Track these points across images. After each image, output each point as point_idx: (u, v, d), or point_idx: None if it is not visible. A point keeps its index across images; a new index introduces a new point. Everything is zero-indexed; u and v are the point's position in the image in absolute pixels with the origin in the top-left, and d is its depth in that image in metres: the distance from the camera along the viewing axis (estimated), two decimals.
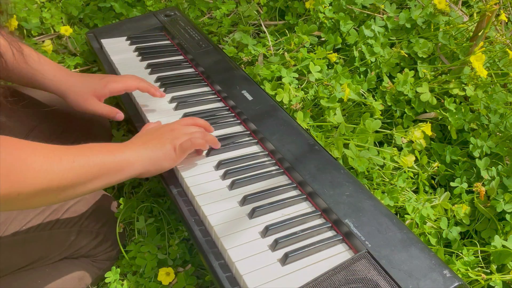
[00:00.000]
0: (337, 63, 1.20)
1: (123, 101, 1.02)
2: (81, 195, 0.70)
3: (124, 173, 0.73)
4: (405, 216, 0.94)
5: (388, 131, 1.04)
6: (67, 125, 1.02)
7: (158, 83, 1.05)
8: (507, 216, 0.89)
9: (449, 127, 1.08)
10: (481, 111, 1.07)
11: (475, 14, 1.19)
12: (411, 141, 1.03)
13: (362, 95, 1.11)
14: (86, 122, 1.06)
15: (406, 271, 0.64)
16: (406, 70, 1.11)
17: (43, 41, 1.38)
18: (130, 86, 0.95)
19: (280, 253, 0.68)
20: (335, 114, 1.04)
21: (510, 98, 1.13)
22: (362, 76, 1.17)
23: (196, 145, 0.80)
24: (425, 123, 1.00)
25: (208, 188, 0.79)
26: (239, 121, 0.95)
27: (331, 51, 1.22)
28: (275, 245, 0.69)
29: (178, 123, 0.83)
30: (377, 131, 1.02)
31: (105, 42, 1.20)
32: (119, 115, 0.93)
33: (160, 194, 1.05)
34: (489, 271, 0.85)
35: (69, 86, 0.91)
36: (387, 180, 1.00)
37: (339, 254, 0.70)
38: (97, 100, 0.92)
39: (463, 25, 1.23)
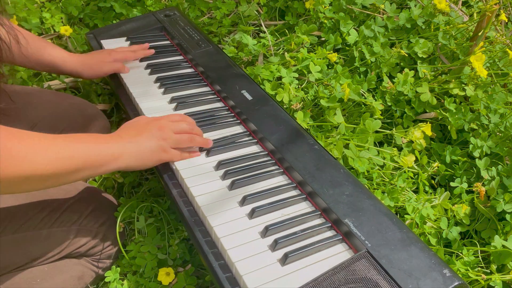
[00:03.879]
0: (337, 63, 1.20)
1: (123, 101, 1.02)
2: (63, 184, 0.72)
3: (108, 167, 0.74)
4: (405, 216, 0.94)
5: (388, 131, 1.04)
6: (67, 124, 1.02)
7: (158, 83, 1.05)
8: (507, 216, 0.89)
9: (449, 127, 1.08)
10: (481, 111, 1.07)
11: (475, 14, 1.19)
12: (411, 141, 1.03)
13: (362, 95, 1.10)
14: (86, 122, 1.06)
15: (406, 270, 0.64)
16: (406, 70, 1.12)
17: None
18: (128, 57, 1.10)
19: (280, 253, 0.68)
20: (335, 114, 1.04)
21: (510, 98, 1.13)
22: (362, 76, 1.17)
23: (182, 144, 0.83)
24: (425, 123, 1.00)
25: (208, 189, 0.79)
26: (239, 121, 0.95)
27: (331, 51, 1.22)
28: (275, 245, 0.69)
29: (166, 119, 0.84)
30: (377, 131, 1.02)
31: (105, 42, 1.20)
32: (127, 69, 1.09)
33: (160, 194, 1.05)
34: (489, 271, 0.85)
35: (82, 65, 1.04)
36: (387, 180, 1.00)
37: (339, 254, 0.70)
38: (107, 65, 1.06)
39: (463, 25, 1.23)
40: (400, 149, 1.06)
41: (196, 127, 0.87)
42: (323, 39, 1.26)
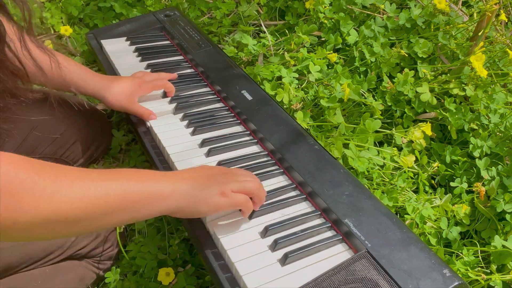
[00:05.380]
0: (337, 63, 1.20)
1: None
2: (101, 229, 0.62)
3: (154, 208, 0.62)
4: (405, 216, 0.94)
5: (388, 131, 1.04)
6: (67, 125, 1.02)
7: None
8: (507, 216, 0.89)
9: (449, 127, 1.08)
10: (481, 111, 1.07)
11: (475, 14, 1.19)
12: (411, 141, 1.03)
13: (362, 95, 1.10)
14: (87, 123, 1.06)
15: (406, 270, 0.64)
16: (406, 70, 1.11)
17: (43, 41, 1.38)
18: (157, 86, 1.00)
19: (280, 253, 0.68)
20: (335, 114, 1.04)
21: (510, 98, 1.13)
22: (362, 76, 1.17)
23: (250, 208, 0.71)
24: (425, 123, 1.00)
25: None
26: (239, 121, 0.95)
27: (331, 51, 1.22)
28: (274, 245, 0.69)
29: (235, 170, 0.74)
30: (377, 131, 1.02)
31: (105, 42, 1.20)
32: (152, 116, 0.96)
33: None
34: (489, 271, 0.85)
35: (108, 89, 0.96)
36: (387, 180, 1.00)
37: (339, 254, 0.70)
38: (135, 101, 0.97)
39: (463, 25, 1.23)
40: (400, 149, 1.06)
41: (262, 190, 0.73)
42: (323, 39, 1.26)
